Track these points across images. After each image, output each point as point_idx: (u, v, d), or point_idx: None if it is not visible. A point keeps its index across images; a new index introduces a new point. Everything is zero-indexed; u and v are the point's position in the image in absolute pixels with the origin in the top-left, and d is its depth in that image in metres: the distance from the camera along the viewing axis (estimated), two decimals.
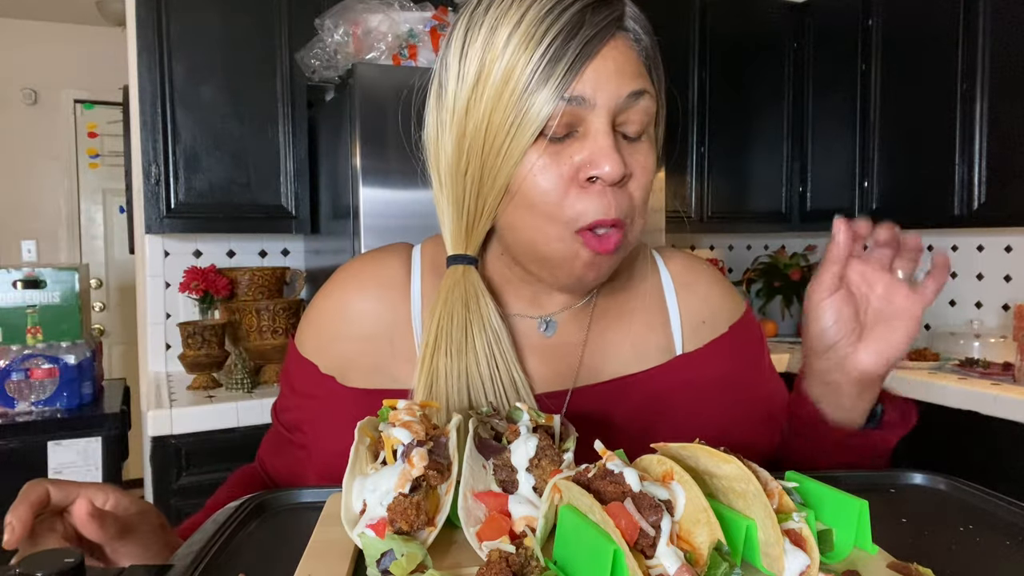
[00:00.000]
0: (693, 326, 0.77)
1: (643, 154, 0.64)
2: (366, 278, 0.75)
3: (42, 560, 0.42)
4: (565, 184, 0.61)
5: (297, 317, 2.29)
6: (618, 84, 0.60)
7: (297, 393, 0.78)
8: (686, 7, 2.86)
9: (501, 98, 0.60)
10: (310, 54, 2.05)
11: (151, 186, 2.16)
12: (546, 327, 0.73)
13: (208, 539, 0.49)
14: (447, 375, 0.65)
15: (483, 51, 0.61)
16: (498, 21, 0.60)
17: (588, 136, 0.60)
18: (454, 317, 0.67)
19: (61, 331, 1.94)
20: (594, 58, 0.59)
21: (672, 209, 2.76)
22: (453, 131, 0.64)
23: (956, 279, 2.84)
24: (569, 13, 0.59)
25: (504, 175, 0.61)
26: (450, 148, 0.64)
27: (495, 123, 0.60)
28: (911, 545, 0.49)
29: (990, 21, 2.35)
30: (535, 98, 0.59)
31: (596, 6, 0.60)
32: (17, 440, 1.81)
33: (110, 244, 4.45)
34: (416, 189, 1.96)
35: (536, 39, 0.59)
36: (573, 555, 0.42)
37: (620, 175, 0.60)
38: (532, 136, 0.60)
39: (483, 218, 0.65)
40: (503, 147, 0.60)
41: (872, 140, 2.76)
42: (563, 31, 0.58)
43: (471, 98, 0.62)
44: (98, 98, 4.28)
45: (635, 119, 0.62)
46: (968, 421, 2.13)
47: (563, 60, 0.58)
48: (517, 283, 0.72)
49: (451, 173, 0.65)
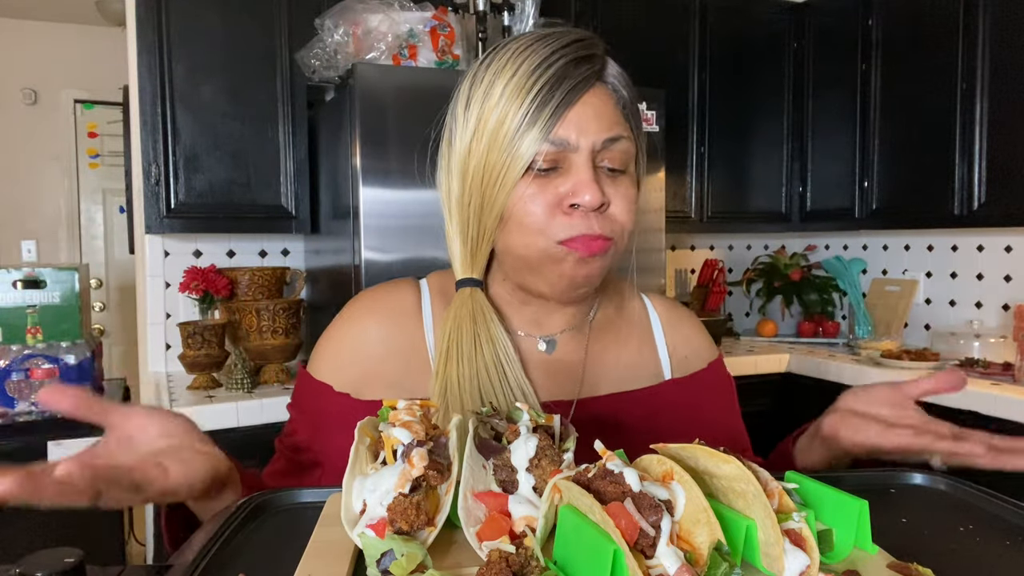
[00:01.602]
0: (678, 359, 0.87)
1: (624, 185, 0.72)
2: (379, 306, 0.83)
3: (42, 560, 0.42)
4: (551, 209, 0.69)
5: (297, 317, 2.29)
6: (597, 128, 0.69)
7: (308, 412, 0.82)
8: (686, 7, 2.86)
9: (496, 139, 0.69)
10: (310, 54, 2.05)
11: (151, 186, 2.16)
12: (546, 346, 0.81)
13: (208, 539, 0.49)
14: (459, 381, 0.72)
15: (483, 101, 0.71)
16: (496, 76, 0.71)
17: (571, 171, 0.70)
18: (463, 330, 0.74)
19: (61, 331, 1.94)
20: (575, 105, 0.69)
21: (672, 209, 2.76)
22: (458, 170, 0.73)
23: (956, 279, 2.84)
24: (555, 68, 0.69)
25: (500, 204, 0.71)
26: (456, 185, 0.74)
27: (491, 161, 0.70)
28: (911, 545, 0.49)
29: (990, 21, 2.35)
30: (524, 139, 0.68)
31: (578, 61, 0.70)
32: (17, 440, 1.81)
33: (110, 244, 4.45)
34: (416, 189, 1.96)
35: (526, 89, 0.68)
36: (573, 555, 0.42)
37: (599, 203, 0.69)
38: (522, 169, 0.69)
39: (484, 243, 0.74)
40: (498, 180, 0.70)
41: (872, 140, 2.76)
42: (549, 82, 0.68)
43: (473, 140, 0.72)
44: (98, 98, 4.28)
45: (615, 157, 0.71)
46: (968, 421, 2.13)
47: (548, 106, 0.68)
48: (519, 305, 0.80)
49: (457, 205, 0.75)
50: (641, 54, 2.73)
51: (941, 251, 2.89)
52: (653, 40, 2.78)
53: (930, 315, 2.92)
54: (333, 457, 0.78)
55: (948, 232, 2.84)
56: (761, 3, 3.01)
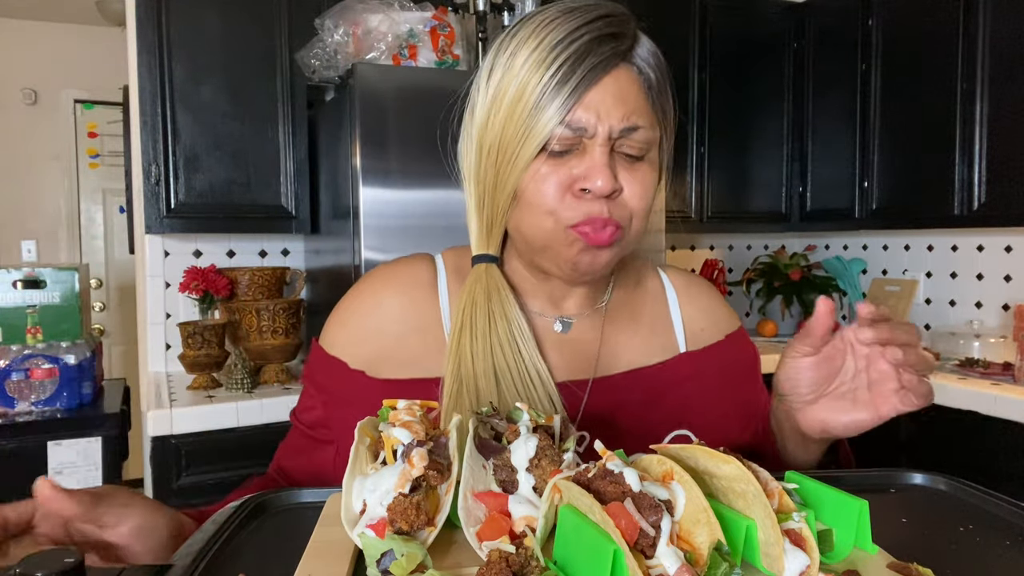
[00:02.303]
0: (694, 331, 0.85)
1: (642, 172, 0.70)
2: (395, 279, 0.82)
3: (42, 560, 0.42)
4: (562, 191, 0.68)
5: (297, 317, 2.29)
6: (616, 114, 0.67)
7: (323, 390, 0.81)
8: (686, 7, 2.86)
9: (514, 113, 0.67)
10: (310, 54, 2.05)
11: (151, 186, 2.16)
12: (562, 326, 0.80)
13: (208, 539, 0.49)
14: (473, 357, 0.71)
15: (504, 71, 0.69)
16: (519, 46, 0.68)
17: (586, 154, 0.68)
18: (477, 306, 0.73)
19: (61, 331, 1.94)
20: (595, 85, 0.66)
21: (672, 209, 2.75)
22: (476, 142, 0.72)
23: (956, 279, 2.84)
24: (579, 43, 0.66)
25: (513, 181, 0.69)
26: (474, 158, 0.73)
27: (507, 135, 0.68)
28: (911, 545, 0.49)
29: (990, 21, 2.35)
30: (542, 115, 0.66)
31: (603, 38, 0.67)
32: (17, 440, 1.81)
33: (110, 244, 4.45)
34: (416, 189, 1.96)
35: (547, 63, 0.66)
36: (573, 555, 0.42)
37: (610, 189, 0.67)
38: (536, 148, 0.67)
39: (498, 220, 0.73)
40: (513, 156, 0.68)
41: (872, 140, 2.76)
42: (571, 58, 0.66)
43: (491, 112, 0.70)
44: (98, 98, 4.28)
45: (633, 145, 0.69)
46: (968, 421, 2.13)
47: (568, 84, 0.65)
48: (535, 284, 0.79)
49: (474, 180, 0.73)
50: None
51: (941, 251, 2.89)
52: (653, 40, 2.77)
53: (930, 315, 2.92)
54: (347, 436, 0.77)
55: (948, 232, 2.84)
56: (761, 3, 3.01)
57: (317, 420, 0.81)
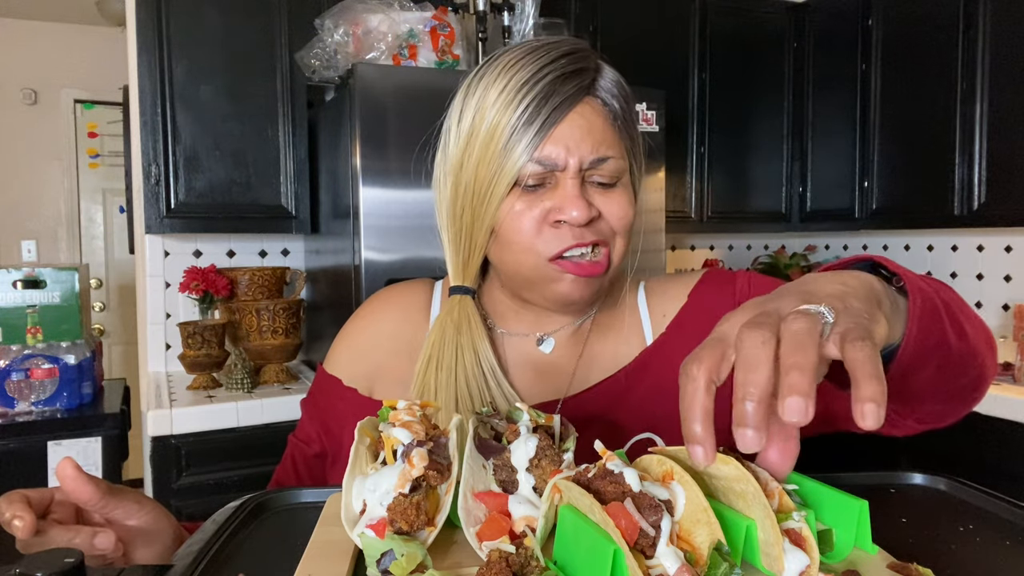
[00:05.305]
0: (657, 320, 0.83)
1: (617, 195, 0.72)
2: (393, 300, 0.86)
3: (42, 560, 0.42)
4: (538, 225, 0.70)
5: (297, 317, 2.29)
6: (584, 147, 0.69)
7: (320, 409, 0.85)
8: (686, 7, 2.86)
9: (486, 153, 0.70)
10: (310, 54, 2.05)
11: (151, 186, 2.16)
12: (544, 346, 0.81)
13: (208, 539, 0.49)
14: (437, 388, 0.73)
15: (474, 113, 0.71)
16: (487, 88, 0.71)
17: (558, 187, 0.70)
18: (446, 339, 0.76)
19: (61, 331, 1.94)
20: (562, 122, 0.69)
21: (672, 209, 2.75)
22: (451, 181, 0.74)
23: (956, 279, 2.84)
24: (544, 82, 0.68)
25: (489, 218, 0.71)
26: (449, 195, 0.74)
27: (481, 175, 0.70)
28: (911, 545, 0.49)
29: (990, 21, 2.35)
30: (512, 153, 0.69)
31: (567, 75, 0.69)
32: (17, 440, 1.81)
33: (110, 244, 4.45)
34: (416, 189, 1.96)
35: (515, 103, 0.68)
36: (573, 555, 0.42)
37: (586, 218, 0.68)
38: (509, 184, 0.69)
39: (475, 255, 0.75)
40: (487, 194, 0.70)
41: (872, 140, 2.76)
42: (537, 96, 0.68)
43: (465, 152, 0.72)
44: (98, 98, 4.28)
45: (604, 174, 0.71)
46: (968, 421, 2.13)
47: (536, 122, 0.68)
48: (518, 309, 0.80)
49: (450, 216, 0.75)
50: (641, 54, 2.73)
51: (941, 251, 2.89)
52: (653, 40, 2.78)
53: None
54: (337, 453, 0.81)
55: (948, 232, 2.84)
56: (761, 3, 3.01)
57: (314, 434, 0.84)
